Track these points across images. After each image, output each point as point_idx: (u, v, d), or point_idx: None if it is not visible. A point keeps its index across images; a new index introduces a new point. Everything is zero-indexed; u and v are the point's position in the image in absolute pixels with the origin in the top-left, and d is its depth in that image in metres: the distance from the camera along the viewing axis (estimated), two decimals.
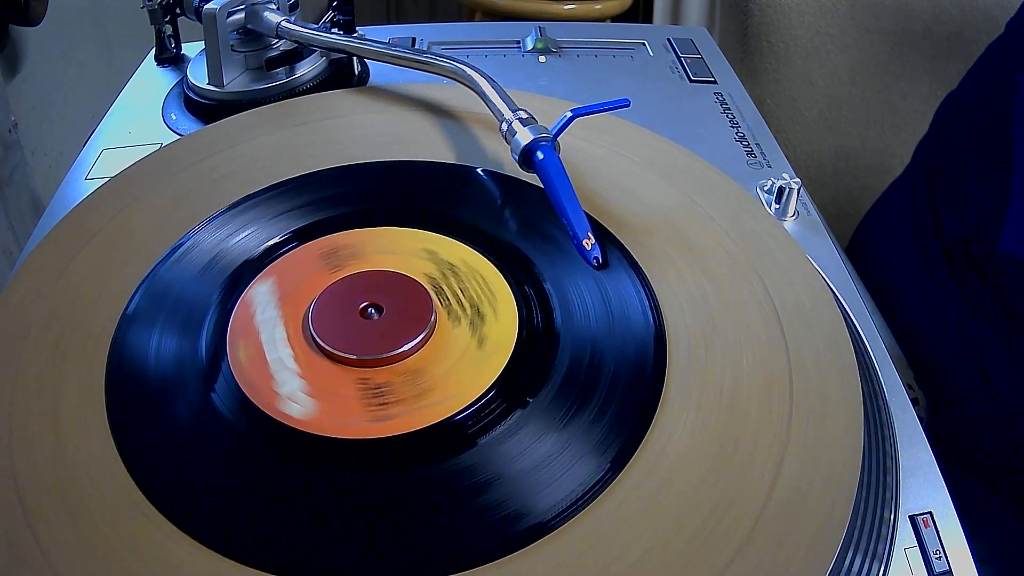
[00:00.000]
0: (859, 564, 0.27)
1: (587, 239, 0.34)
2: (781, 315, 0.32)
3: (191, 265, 0.35)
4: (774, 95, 0.89)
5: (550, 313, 0.32)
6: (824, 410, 0.29)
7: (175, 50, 0.55)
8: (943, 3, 0.74)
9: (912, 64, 0.78)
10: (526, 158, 0.37)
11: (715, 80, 0.55)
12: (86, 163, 0.46)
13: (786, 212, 0.42)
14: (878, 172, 0.85)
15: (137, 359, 0.31)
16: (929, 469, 0.31)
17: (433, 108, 0.44)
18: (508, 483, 0.27)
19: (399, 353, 0.31)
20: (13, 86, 0.67)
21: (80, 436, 0.28)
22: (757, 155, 0.47)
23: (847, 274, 0.39)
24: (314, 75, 0.49)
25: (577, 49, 0.58)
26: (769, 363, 0.30)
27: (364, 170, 0.40)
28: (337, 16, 0.51)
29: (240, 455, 0.28)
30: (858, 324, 0.36)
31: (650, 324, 0.32)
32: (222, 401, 0.29)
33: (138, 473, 0.27)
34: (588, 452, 0.27)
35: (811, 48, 0.84)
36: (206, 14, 0.46)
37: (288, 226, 0.36)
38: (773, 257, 0.34)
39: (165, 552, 0.25)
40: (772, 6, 0.84)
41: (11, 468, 0.27)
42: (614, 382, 0.30)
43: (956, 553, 0.28)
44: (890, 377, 0.34)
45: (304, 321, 0.32)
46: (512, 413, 0.29)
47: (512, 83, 0.41)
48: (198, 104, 0.48)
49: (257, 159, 0.40)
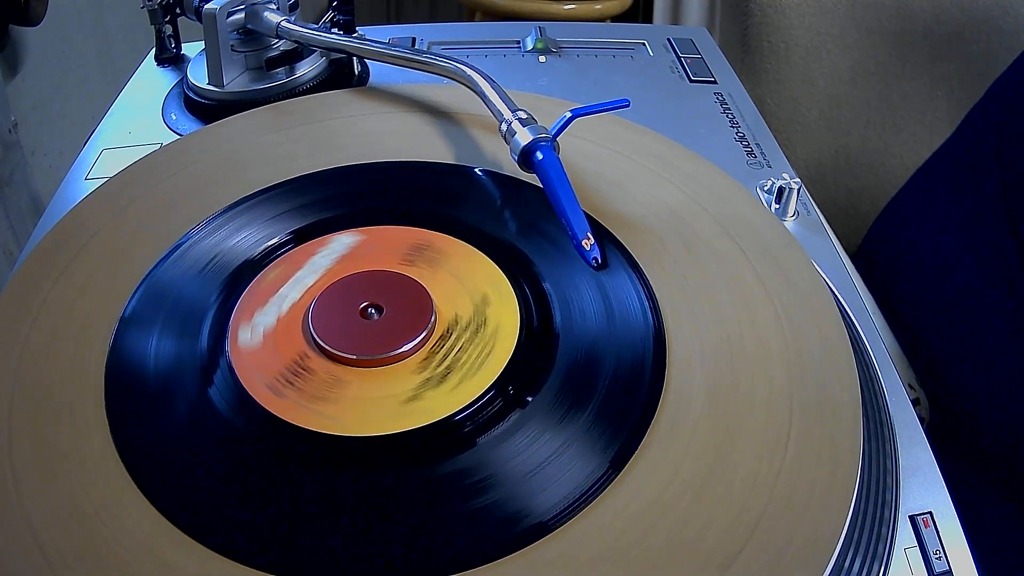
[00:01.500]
0: (859, 564, 0.27)
1: (586, 239, 0.34)
2: (781, 314, 0.32)
3: (191, 265, 0.35)
4: (774, 95, 0.89)
5: (550, 313, 0.32)
6: (824, 410, 0.28)
7: (175, 50, 0.55)
8: (943, 3, 0.74)
9: (912, 64, 0.77)
10: (525, 158, 0.37)
11: (715, 80, 0.55)
12: (86, 163, 0.46)
13: (786, 212, 0.42)
14: (878, 172, 0.85)
15: (137, 359, 0.31)
16: (929, 469, 0.31)
17: (433, 108, 0.44)
18: (508, 483, 0.27)
19: (399, 353, 0.31)
20: (13, 86, 0.67)
21: (80, 436, 0.28)
22: (757, 155, 0.47)
23: (847, 274, 0.39)
24: (314, 75, 0.49)
25: (577, 49, 0.58)
26: (769, 362, 0.30)
27: (364, 170, 0.40)
28: (337, 16, 0.51)
29: (239, 454, 0.28)
30: (858, 324, 0.36)
31: (649, 323, 0.32)
32: (221, 399, 0.29)
33: (138, 472, 0.27)
34: (588, 452, 0.27)
35: (811, 48, 0.84)
36: (206, 14, 0.46)
37: (288, 226, 0.36)
38: (773, 256, 0.34)
39: (165, 551, 0.25)
40: (772, 6, 0.84)
41: (11, 467, 0.27)
42: (614, 381, 0.30)
43: (956, 553, 0.28)
44: (890, 377, 0.34)
45: (304, 321, 0.32)
46: (512, 413, 0.29)
47: (512, 83, 0.41)
48: (198, 104, 0.48)
49: (257, 159, 0.40)
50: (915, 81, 0.77)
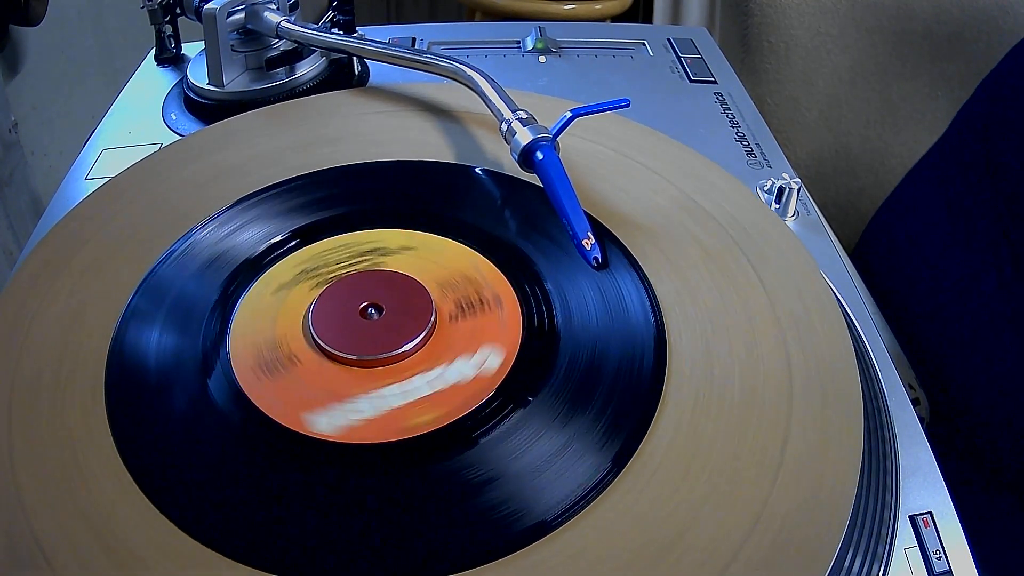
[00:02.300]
0: (859, 564, 0.27)
1: (587, 239, 0.34)
2: (781, 314, 0.32)
3: (191, 264, 0.35)
4: (774, 95, 0.89)
5: (551, 312, 0.32)
6: (824, 410, 0.29)
7: (175, 50, 0.55)
8: (943, 3, 0.74)
9: (912, 64, 0.77)
10: (526, 158, 0.37)
11: (715, 80, 0.55)
12: (86, 163, 0.46)
13: (786, 212, 0.42)
14: (878, 172, 0.85)
15: (138, 357, 0.31)
16: (929, 469, 0.31)
17: (433, 108, 0.44)
18: (510, 482, 0.27)
19: (399, 353, 0.31)
20: (13, 86, 0.67)
21: (80, 435, 0.28)
22: (757, 155, 0.47)
23: (847, 274, 0.39)
24: (314, 75, 0.49)
25: (577, 49, 0.58)
26: (769, 362, 0.30)
27: (363, 170, 0.40)
28: (337, 16, 0.51)
29: (240, 455, 0.28)
30: (858, 324, 0.36)
31: (650, 322, 0.32)
32: (222, 398, 0.29)
33: (138, 472, 0.27)
34: (589, 450, 0.27)
35: (811, 48, 0.84)
36: (206, 14, 0.46)
37: (287, 226, 0.36)
38: (774, 256, 0.34)
39: (163, 551, 0.25)
40: (772, 6, 0.84)
41: (11, 467, 0.27)
42: (615, 380, 0.30)
43: (956, 553, 0.28)
44: (890, 377, 0.34)
45: (304, 321, 0.32)
46: (514, 412, 0.29)
47: (512, 83, 0.41)
48: (198, 104, 0.48)
49: (257, 159, 0.40)
50: (915, 81, 0.77)
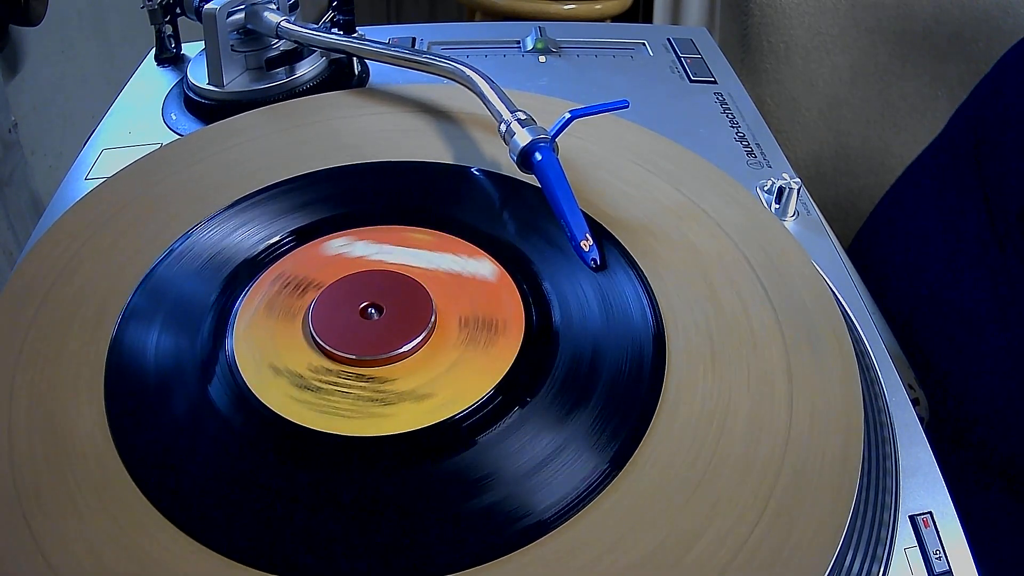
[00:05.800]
0: (859, 564, 0.27)
1: (585, 241, 0.34)
2: (781, 314, 0.32)
3: (191, 263, 0.35)
4: (774, 95, 0.89)
5: (550, 313, 0.32)
6: (824, 411, 0.29)
7: (175, 50, 0.55)
8: (943, 3, 0.74)
9: (912, 64, 0.78)
10: (524, 159, 0.37)
11: (715, 80, 0.55)
12: (86, 163, 0.46)
13: (786, 212, 0.42)
14: (878, 172, 0.85)
15: (137, 356, 0.31)
16: (929, 469, 0.31)
17: (432, 109, 0.44)
18: (508, 482, 0.27)
19: (399, 353, 0.31)
20: (13, 86, 0.67)
21: (79, 434, 0.28)
22: (757, 155, 0.47)
23: (847, 274, 0.39)
24: (314, 75, 0.49)
25: (577, 49, 0.58)
26: (769, 362, 0.30)
27: (363, 171, 0.40)
28: (337, 16, 0.51)
29: (239, 453, 0.28)
30: (858, 324, 0.36)
31: (649, 323, 0.32)
32: (221, 397, 0.29)
33: (137, 471, 0.27)
34: (588, 450, 0.27)
35: (811, 48, 0.84)
36: (206, 14, 0.46)
37: (288, 225, 0.36)
38: (773, 256, 0.34)
39: (163, 550, 0.25)
40: (772, 6, 0.84)
41: (11, 467, 0.27)
42: (614, 381, 0.30)
43: (956, 553, 0.28)
44: (890, 377, 0.34)
45: (304, 321, 0.32)
46: (512, 412, 0.29)
47: (512, 83, 0.41)
48: (198, 104, 0.48)
49: (256, 159, 0.40)
50: (915, 81, 0.77)
